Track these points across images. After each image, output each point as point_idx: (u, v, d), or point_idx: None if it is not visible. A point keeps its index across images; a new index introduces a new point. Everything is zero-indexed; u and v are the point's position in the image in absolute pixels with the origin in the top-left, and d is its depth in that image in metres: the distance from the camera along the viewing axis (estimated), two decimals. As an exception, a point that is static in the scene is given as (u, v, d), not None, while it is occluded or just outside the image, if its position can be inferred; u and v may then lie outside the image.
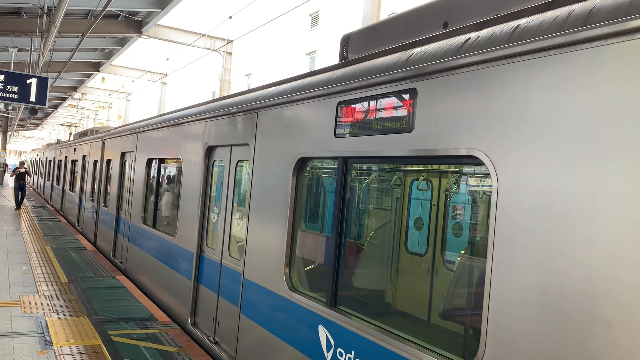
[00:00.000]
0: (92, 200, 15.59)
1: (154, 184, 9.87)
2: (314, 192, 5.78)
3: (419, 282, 5.62)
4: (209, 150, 7.09)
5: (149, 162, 10.07)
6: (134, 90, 35.74)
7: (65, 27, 15.93)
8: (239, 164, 6.37)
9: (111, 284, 9.81)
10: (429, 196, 5.69)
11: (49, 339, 6.43)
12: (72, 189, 20.49)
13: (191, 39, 21.30)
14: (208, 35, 21.53)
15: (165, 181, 9.78)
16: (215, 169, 7.05)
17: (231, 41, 21.95)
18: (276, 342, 4.98)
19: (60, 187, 23.97)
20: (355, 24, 25.09)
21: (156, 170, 9.80)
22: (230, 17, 16.94)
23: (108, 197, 13.57)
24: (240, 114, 6.22)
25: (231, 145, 6.50)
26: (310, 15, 34.32)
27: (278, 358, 4.93)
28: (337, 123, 4.33)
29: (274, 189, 5.21)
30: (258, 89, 6.28)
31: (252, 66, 39.80)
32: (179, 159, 8.15)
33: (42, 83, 15.01)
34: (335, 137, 4.31)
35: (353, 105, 4.18)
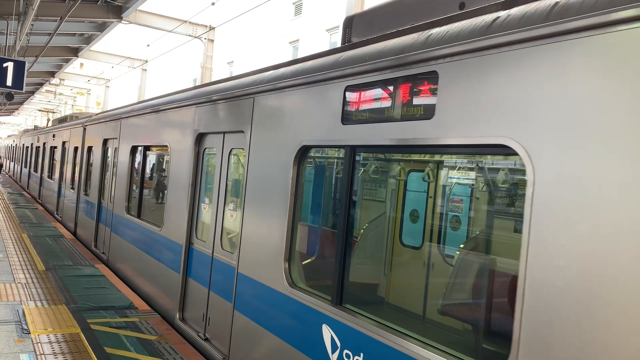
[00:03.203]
0: (73, 188, 15.14)
1: (139, 172, 9.54)
2: (316, 182, 5.46)
3: (425, 279, 5.33)
4: (199, 138, 6.78)
5: (134, 150, 9.72)
6: (114, 76, 35.15)
7: (42, 10, 15.54)
8: (233, 152, 6.09)
9: (90, 272, 9.69)
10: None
11: (26, 328, 6.33)
12: (50, 176, 19.95)
13: (172, 25, 20.98)
14: (190, 22, 21.22)
15: (151, 170, 9.51)
16: (206, 157, 6.76)
17: (213, 28, 21.70)
18: (274, 341, 4.73)
19: (38, 174, 23.37)
20: (339, 14, 25.00)
21: (141, 158, 9.45)
22: (213, 4, 16.73)
23: (89, 185, 13.19)
24: (234, 99, 5.90)
25: (224, 133, 6.19)
26: (293, 3, 34.07)
27: (276, 357, 4.70)
28: (345, 109, 4.03)
29: (273, 179, 4.92)
30: (254, 73, 5.95)
31: (234, 54, 39.44)
32: (166, 146, 7.85)
33: (19, 67, 14.67)
34: (343, 123, 4.02)
35: (363, 90, 3.89)
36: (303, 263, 4.98)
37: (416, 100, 3.41)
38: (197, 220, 6.78)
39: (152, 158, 9.45)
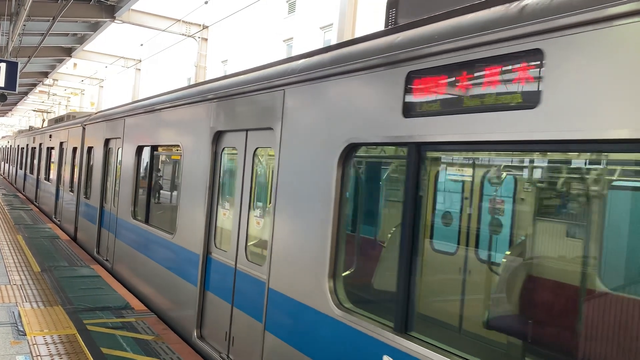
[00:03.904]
0: (72, 191, 14.42)
1: (146, 174, 8.88)
2: (368, 186, 4.70)
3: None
4: (217, 136, 6.14)
5: (139, 150, 9.04)
6: (107, 76, 35.03)
7: (35, 10, 15.47)
8: (258, 151, 5.45)
9: (86, 273, 9.67)
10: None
11: (22, 329, 6.32)
12: (47, 178, 19.35)
13: (166, 25, 20.93)
14: (183, 21, 21.17)
15: (160, 172, 8.95)
16: (225, 157, 6.13)
17: (207, 27, 21.65)
18: None
19: (35, 176, 22.70)
20: (332, 12, 24.96)
21: (148, 159, 8.76)
22: (206, 2, 16.70)
23: (90, 187, 12.49)
24: (259, 92, 5.22)
25: (247, 130, 5.56)
26: (287, 1, 34.02)
27: None
28: (407, 99, 3.41)
29: (310, 182, 4.27)
30: (283, 62, 5.25)
31: (228, 53, 39.36)
32: (178, 146, 7.18)
33: (12, 68, 14.61)
34: (405, 116, 3.40)
35: (433, 76, 3.26)
36: (352, 280, 4.35)
37: (512, 85, 2.80)
38: (215, 227, 6.12)
39: (160, 159, 8.92)
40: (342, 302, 3.90)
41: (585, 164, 3.41)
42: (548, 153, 3.26)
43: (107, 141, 11.31)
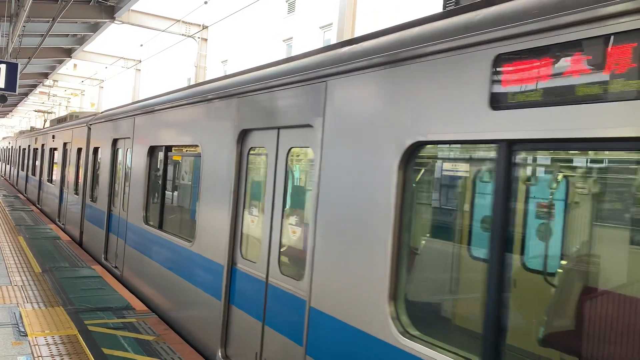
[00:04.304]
0: (77, 193, 13.85)
1: (159, 176, 8.32)
2: (438, 192, 4.09)
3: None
4: (243, 135, 5.60)
5: (152, 151, 8.48)
6: (107, 77, 35.05)
7: (34, 11, 15.47)
8: (292, 152, 4.89)
9: (87, 274, 9.68)
10: None
11: (23, 330, 6.33)
12: (51, 180, 18.83)
13: (165, 25, 20.93)
14: (183, 21, 21.17)
15: (175, 174, 8.38)
16: (252, 158, 5.59)
17: (206, 27, 21.65)
18: None
19: (37, 178, 22.14)
20: (331, 11, 24.95)
21: (162, 161, 8.14)
22: (206, 2, 16.70)
23: (96, 190, 11.93)
24: (294, 85, 4.67)
25: (278, 128, 5.00)
26: (286, 1, 34.03)
27: None
28: (496, 87, 2.84)
29: (362, 187, 3.70)
30: (324, 50, 4.65)
31: (228, 53, 39.37)
32: (197, 146, 6.65)
33: (12, 69, 14.62)
34: (493, 108, 2.84)
35: (532, 58, 2.69)
36: (419, 303, 3.83)
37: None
38: (241, 236, 5.57)
39: (176, 160, 8.30)
40: (407, 328, 3.36)
41: None
42: None
43: (115, 141, 10.76)
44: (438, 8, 4.08)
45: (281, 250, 4.83)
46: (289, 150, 4.86)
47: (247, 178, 5.57)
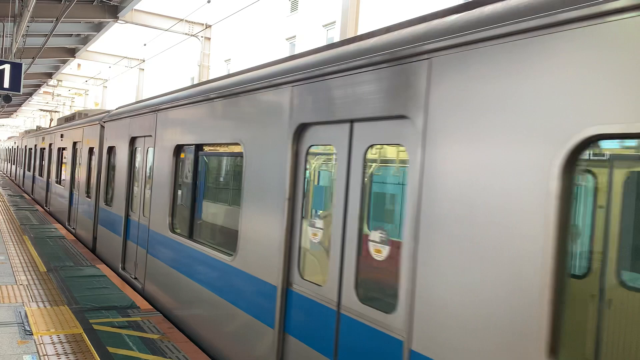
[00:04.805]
0: (89, 196, 12.93)
1: (188, 179, 7.42)
2: (626, 206, 3.07)
3: None
4: (300, 131, 4.74)
5: (178, 150, 7.56)
6: (111, 76, 35.15)
7: (38, 11, 15.53)
8: (373, 150, 4.02)
9: (91, 273, 9.71)
10: None
11: (28, 329, 6.35)
12: (59, 181, 17.93)
13: (169, 24, 20.97)
14: (186, 20, 21.21)
15: (209, 176, 7.52)
16: (312, 158, 4.76)
17: (209, 26, 21.67)
18: None
19: (44, 179, 21.21)
20: (334, 9, 24.91)
21: (192, 161, 7.21)
22: (209, 1, 16.72)
23: (112, 193, 10.94)
24: (378, 66, 3.74)
25: (351, 121, 4.11)
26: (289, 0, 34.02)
27: None
28: None
29: (499, 198, 2.76)
30: (423, 20, 3.67)
31: (231, 52, 39.39)
32: (237, 144, 5.84)
33: (16, 69, 14.71)
34: None
35: None
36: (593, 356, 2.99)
37: None
38: (299, 251, 4.71)
39: (209, 161, 7.38)
40: None
41: None
42: None
43: (133, 140, 9.73)
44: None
45: (357, 271, 3.97)
46: (368, 148, 3.97)
47: (306, 182, 4.72)
